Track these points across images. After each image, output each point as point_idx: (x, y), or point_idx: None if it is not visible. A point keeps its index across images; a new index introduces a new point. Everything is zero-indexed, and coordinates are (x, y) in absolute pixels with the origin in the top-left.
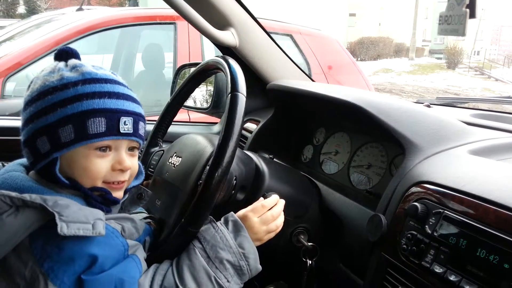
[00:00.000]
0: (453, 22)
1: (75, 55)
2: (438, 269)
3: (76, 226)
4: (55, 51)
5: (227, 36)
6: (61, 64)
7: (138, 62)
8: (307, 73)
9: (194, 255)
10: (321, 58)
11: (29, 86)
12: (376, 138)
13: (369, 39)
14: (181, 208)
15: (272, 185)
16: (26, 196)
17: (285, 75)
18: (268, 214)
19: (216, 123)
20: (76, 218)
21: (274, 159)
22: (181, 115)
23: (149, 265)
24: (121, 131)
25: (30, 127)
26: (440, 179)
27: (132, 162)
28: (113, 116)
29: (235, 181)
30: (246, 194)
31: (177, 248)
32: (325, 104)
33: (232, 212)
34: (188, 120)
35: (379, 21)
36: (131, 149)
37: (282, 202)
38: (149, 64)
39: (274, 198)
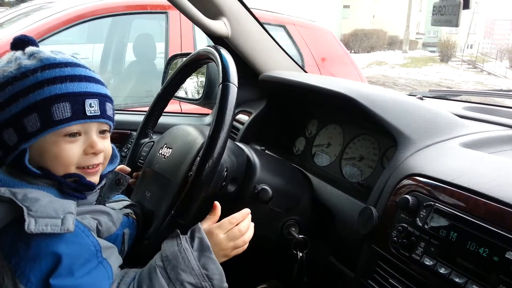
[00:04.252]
0: (446, 13)
1: (31, 42)
2: (428, 262)
3: (44, 222)
4: (11, 41)
5: (219, 26)
6: (18, 53)
7: (129, 52)
8: (300, 64)
9: (155, 274)
10: (314, 49)
11: None
12: (369, 131)
13: (363, 31)
14: (171, 200)
15: (264, 177)
16: None
17: (278, 66)
18: (235, 230)
19: (208, 114)
20: (45, 212)
21: (266, 151)
22: (173, 106)
23: (131, 259)
24: (88, 114)
25: None
26: (432, 172)
27: (105, 145)
28: (77, 100)
29: (226, 173)
30: (237, 186)
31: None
32: (317, 96)
33: (199, 226)
34: (180, 111)
35: (373, 13)
36: (102, 132)
37: (249, 216)
38: (140, 54)
39: (242, 213)
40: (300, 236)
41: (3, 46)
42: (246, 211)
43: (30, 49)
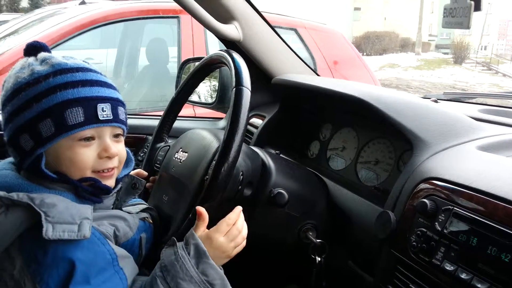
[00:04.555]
0: (457, 15)
1: (44, 48)
2: (449, 267)
3: (62, 227)
4: (24, 47)
5: (231, 30)
6: (31, 59)
7: (142, 56)
8: (313, 67)
9: (156, 285)
10: (326, 52)
11: (3, 85)
12: (384, 134)
13: (374, 34)
14: (188, 204)
15: (279, 181)
16: (14, 195)
17: (290, 69)
18: (233, 229)
19: (222, 118)
20: (62, 218)
21: (281, 155)
22: (187, 110)
23: (149, 262)
24: (101, 118)
25: (10, 126)
26: (449, 175)
27: (119, 148)
28: (90, 104)
29: (241, 177)
30: (253, 190)
31: None
32: (331, 99)
33: (192, 232)
34: (194, 115)
35: (384, 15)
36: (116, 136)
37: (241, 213)
38: (153, 58)
39: (235, 211)
40: (318, 240)
41: (17, 53)
42: (239, 209)
43: (42, 55)
